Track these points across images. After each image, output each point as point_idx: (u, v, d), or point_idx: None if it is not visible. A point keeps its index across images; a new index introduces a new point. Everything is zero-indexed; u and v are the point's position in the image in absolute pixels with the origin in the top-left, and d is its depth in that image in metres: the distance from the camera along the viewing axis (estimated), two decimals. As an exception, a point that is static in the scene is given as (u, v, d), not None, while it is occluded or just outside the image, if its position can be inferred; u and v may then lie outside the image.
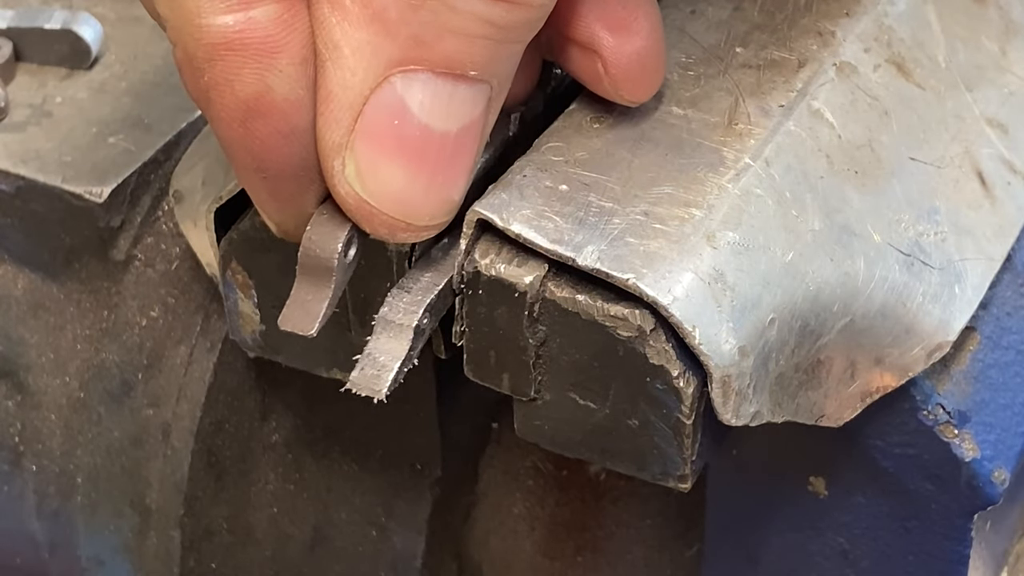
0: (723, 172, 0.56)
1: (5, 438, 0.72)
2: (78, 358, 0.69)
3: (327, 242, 0.51)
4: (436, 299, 0.54)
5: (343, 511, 0.74)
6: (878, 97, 0.61)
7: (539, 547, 0.76)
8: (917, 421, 0.60)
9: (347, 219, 0.51)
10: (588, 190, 0.55)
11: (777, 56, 0.60)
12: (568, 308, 0.53)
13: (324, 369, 0.61)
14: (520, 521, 0.76)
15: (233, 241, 0.60)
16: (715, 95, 0.59)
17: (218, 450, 0.69)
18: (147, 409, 0.68)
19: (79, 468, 0.70)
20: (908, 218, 0.59)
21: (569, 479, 0.74)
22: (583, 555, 0.75)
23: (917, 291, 0.58)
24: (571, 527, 0.75)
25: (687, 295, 0.52)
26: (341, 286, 0.52)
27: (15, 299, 0.70)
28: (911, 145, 0.61)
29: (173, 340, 0.68)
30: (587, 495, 0.74)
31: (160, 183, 0.67)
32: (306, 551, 0.75)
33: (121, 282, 0.68)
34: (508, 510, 0.76)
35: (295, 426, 0.71)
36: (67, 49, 0.70)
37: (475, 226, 0.54)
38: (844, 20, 0.62)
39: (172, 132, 0.68)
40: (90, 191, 0.65)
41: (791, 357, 0.55)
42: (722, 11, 0.63)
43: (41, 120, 0.69)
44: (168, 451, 0.68)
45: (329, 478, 0.73)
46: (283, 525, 0.73)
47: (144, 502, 0.69)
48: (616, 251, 0.53)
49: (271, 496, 0.72)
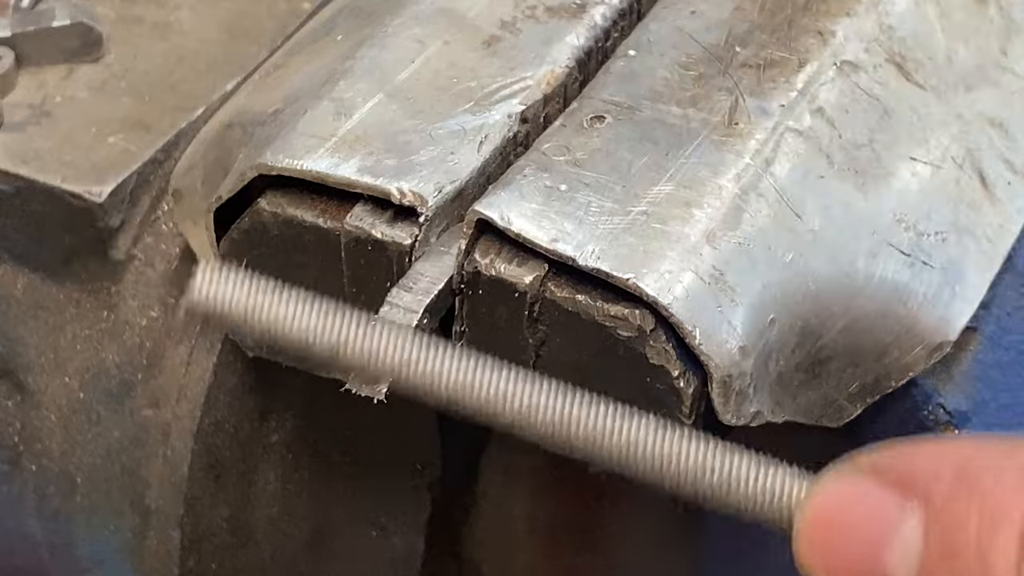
0: (723, 172, 0.56)
1: (5, 438, 0.72)
2: (78, 358, 0.69)
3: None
4: (436, 299, 0.54)
5: (343, 511, 0.74)
6: (878, 97, 0.61)
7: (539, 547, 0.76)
8: (917, 421, 0.60)
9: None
10: (588, 190, 0.55)
11: (777, 56, 0.60)
12: (568, 308, 0.53)
13: (324, 369, 0.61)
14: (520, 521, 0.76)
15: (233, 241, 0.60)
16: (715, 95, 0.59)
17: (218, 450, 0.69)
18: (147, 409, 0.68)
19: (79, 468, 0.70)
20: (908, 218, 0.59)
21: (569, 479, 0.74)
22: (583, 555, 0.75)
23: (917, 291, 0.58)
24: (571, 527, 0.75)
25: (687, 295, 0.52)
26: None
27: (15, 299, 0.70)
28: (911, 145, 0.61)
29: (173, 340, 0.68)
30: (587, 495, 0.74)
31: (160, 183, 0.67)
32: (306, 551, 0.75)
33: (121, 282, 0.68)
34: (508, 510, 0.76)
35: (295, 426, 0.71)
36: (77, 43, 0.70)
37: (475, 226, 0.54)
38: (844, 20, 0.62)
39: (172, 132, 0.68)
40: (90, 191, 0.65)
41: (791, 357, 0.55)
42: (722, 11, 0.63)
43: (41, 120, 0.69)
44: (168, 451, 0.68)
45: (329, 478, 0.73)
46: (283, 525, 0.73)
47: (144, 502, 0.69)
48: (616, 251, 0.53)
49: (271, 496, 0.72)
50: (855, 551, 0.42)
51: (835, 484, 0.43)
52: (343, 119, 0.59)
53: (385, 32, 0.63)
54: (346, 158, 0.57)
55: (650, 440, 0.44)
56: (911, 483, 0.42)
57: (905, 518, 0.41)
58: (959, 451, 0.42)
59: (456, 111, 0.59)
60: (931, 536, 0.41)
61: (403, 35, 0.63)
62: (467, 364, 0.44)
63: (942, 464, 0.42)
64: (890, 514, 0.42)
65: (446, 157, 0.57)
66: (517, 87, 0.60)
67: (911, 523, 0.41)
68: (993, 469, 0.41)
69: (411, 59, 0.62)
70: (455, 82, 0.61)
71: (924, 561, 0.41)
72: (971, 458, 0.42)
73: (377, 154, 0.57)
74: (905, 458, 0.43)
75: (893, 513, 0.42)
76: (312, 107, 0.60)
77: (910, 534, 0.41)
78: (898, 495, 0.42)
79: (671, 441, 0.44)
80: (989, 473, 0.41)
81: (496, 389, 0.44)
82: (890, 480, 0.42)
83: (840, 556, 0.42)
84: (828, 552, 0.42)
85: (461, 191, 0.57)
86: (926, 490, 0.41)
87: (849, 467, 0.43)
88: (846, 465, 0.43)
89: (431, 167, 0.57)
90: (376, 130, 0.58)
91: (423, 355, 0.44)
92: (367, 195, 0.56)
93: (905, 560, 0.41)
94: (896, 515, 0.41)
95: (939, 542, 0.41)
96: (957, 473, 0.41)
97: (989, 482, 0.41)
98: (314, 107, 0.60)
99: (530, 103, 0.60)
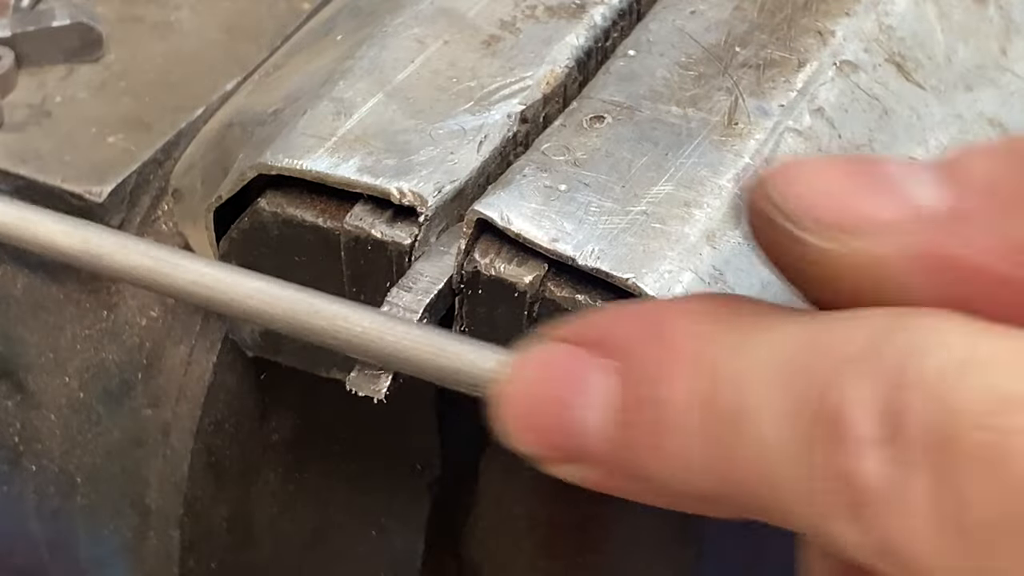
0: (723, 172, 0.56)
1: (5, 438, 0.72)
2: (78, 358, 0.69)
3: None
4: (436, 299, 0.54)
5: (343, 511, 0.74)
6: (878, 97, 0.61)
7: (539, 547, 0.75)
8: (917, 421, 0.60)
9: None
10: (588, 190, 0.55)
11: (777, 56, 0.60)
12: (568, 308, 0.53)
13: (324, 369, 0.61)
14: (520, 521, 0.76)
15: (233, 241, 0.60)
16: (715, 95, 0.59)
17: (218, 450, 0.69)
18: (147, 409, 0.68)
19: (79, 468, 0.70)
20: (908, 218, 0.59)
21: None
22: (583, 555, 0.75)
23: (917, 291, 0.58)
24: (571, 527, 0.75)
25: (687, 295, 0.52)
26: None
27: (15, 299, 0.70)
28: (911, 145, 0.61)
29: (173, 340, 0.68)
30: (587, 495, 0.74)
31: (160, 183, 0.67)
32: (306, 551, 0.75)
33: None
34: (508, 510, 0.76)
35: (295, 426, 0.71)
36: (77, 43, 0.70)
37: (475, 225, 0.54)
38: (844, 20, 0.62)
39: (172, 132, 0.68)
40: (90, 191, 0.65)
41: (791, 357, 0.55)
42: (722, 11, 0.63)
43: (41, 120, 0.69)
44: (168, 451, 0.68)
45: (329, 478, 0.73)
46: (283, 525, 0.73)
47: (144, 502, 0.69)
48: (616, 251, 0.53)
49: (271, 496, 0.72)
50: (549, 412, 0.42)
51: (530, 353, 0.43)
52: (343, 119, 0.59)
53: (385, 32, 0.63)
54: (346, 158, 0.57)
55: (357, 315, 0.50)
56: (607, 341, 0.42)
57: (600, 373, 0.41)
58: (653, 308, 0.43)
59: (456, 111, 0.59)
60: (628, 386, 0.41)
61: (403, 35, 0.63)
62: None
63: (638, 320, 0.42)
64: (584, 371, 0.41)
65: (446, 157, 0.57)
66: (517, 87, 0.60)
67: (598, 376, 0.41)
68: (678, 313, 0.41)
69: (411, 59, 0.62)
70: (455, 82, 0.61)
71: (621, 411, 0.41)
72: (663, 310, 0.42)
73: (377, 154, 0.57)
74: (600, 321, 0.43)
75: (588, 371, 0.41)
76: (312, 107, 0.60)
77: (600, 387, 0.41)
78: (593, 353, 0.42)
79: (375, 317, 0.50)
80: (676, 318, 0.41)
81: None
82: (586, 342, 0.42)
83: (536, 420, 0.42)
84: (525, 417, 0.42)
85: (461, 191, 0.57)
86: (623, 344, 0.41)
87: (547, 337, 0.43)
88: (545, 335, 0.43)
89: (431, 167, 0.57)
90: (376, 130, 0.58)
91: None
92: (367, 195, 0.56)
93: (598, 415, 0.41)
94: (591, 372, 0.41)
95: (635, 391, 0.41)
96: (649, 326, 0.41)
97: (673, 327, 0.41)
98: (314, 107, 0.60)
99: (530, 103, 0.60)
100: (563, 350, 0.42)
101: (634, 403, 0.41)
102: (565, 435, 0.42)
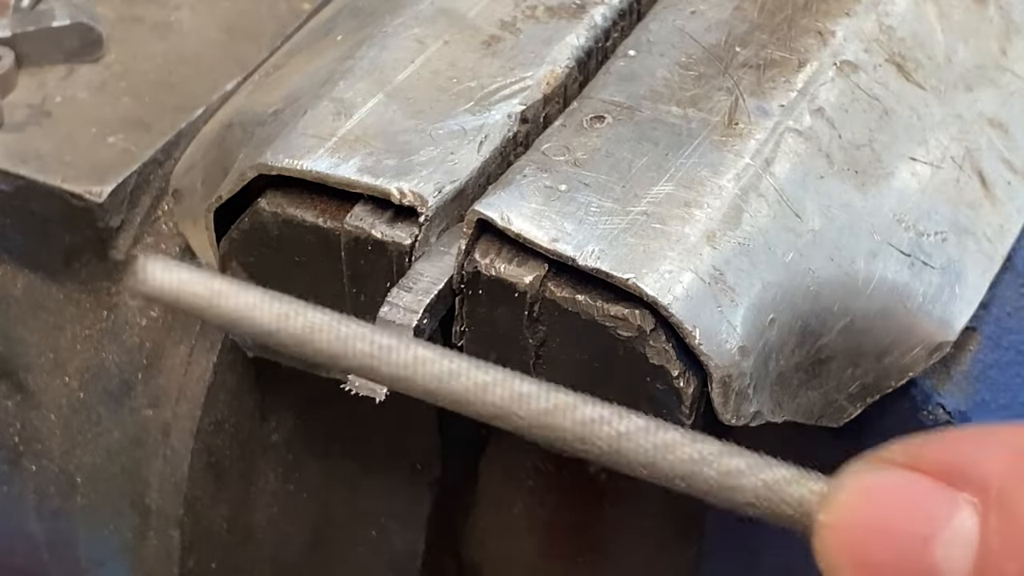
0: (723, 172, 0.56)
1: (5, 438, 0.72)
2: (78, 358, 0.69)
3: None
4: (436, 299, 0.54)
5: (343, 511, 0.74)
6: (878, 97, 0.61)
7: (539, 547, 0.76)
8: (917, 421, 0.60)
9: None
10: (588, 190, 0.55)
11: (777, 56, 0.60)
12: (568, 308, 0.53)
13: (324, 369, 0.61)
14: (520, 521, 0.76)
15: (233, 241, 0.60)
16: (715, 95, 0.59)
17: (218, 450, 0.69)
18: (147, 409, 0.68)
19: (79, 468, 0.70)
20: (908, 218, 0.59)
21: (569, 479, 0.74)
22: (583, 555, 0.75)
23: (917, 291, 0.58)
24: (571, 527, 0.75)
25: (687, 295, 0.52)
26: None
27: (15, 299, 0.70)
28: (911, 145, 0.61)
29: (173, 340, 0.68)
30: (587, 495, 0.74)
31: (160, 183, 0.67)
32: (306, 551, 0.75)
33: (121, 282, 0.68)
34: (508, 510, 0.76)
35: (295, 426, 0.71)
36: (77, 43, 0.70)
37: (475, 226, 0.54)
38: (844, 20, 0.62)
39: (172, 132, 0.68)
40: (90, 191, 0.65)
41: (791, 357, 0.55)
42: (722, 11, 0.63)
43: (41, 120, 0.69)
44: (168, 451, 0.68)
45: (329, 478, 0.73)
46: (283, 525, 0.73)
47: (144, 502, 0.69)
48: (616, 251, 0.53)
49: (271, 496, 0.72)
50: (899, 547, 0.39)
51: (867, 480, 0.41)
52: (343, 119, 0.59)
53: (385, 32, 0.63)
54: (346, 158, 0.57)
55: (644, 431, 0.43)
56: (959, 473, 0.39)
57: (956, 509, 0.39)
58: (1007, 437, 0.40)
59: (456, 111, 0.59)
60: (989, 526, 0.39)
61: (403, 35, 0.63)
62: (437, 354, 0.43)
63: (992, 451, 0.40)
64: (938, 506, 0.39)
65: (446, 157, 0.57)
66: (517, 87, 0.60)
67: (964, 514, 0.39)
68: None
69: (411, 59, 0.62)
70: (455, 82, 0.61)
71: (982, 553, 0.39)
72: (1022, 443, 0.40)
73: (377, 154, 0.57)
74: (947, 447, 0.40)
75: (942, 505, 0.39)
76: (312, 107, 0.60)
77: (963, 526, 0.39)
78: (946, 486, 0.39)
79: (664, 433, 0.43)
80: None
81: (476, 379, 0.43)
82: (934, 471, 0.40)
83: (881, 555, 0.39)
84: (865, 551, 0.40)
85: (461, 191, 0.57)
86: (980, 479, 0.39)
87: (878, 462, 0.41)
88: (872, 460, 0.41)
89: (431, 167, 0.57)
90: (376, 130, 0.58)
91: (395, 345, 0.43)
92: (367, 195, 0.56)
93: (959, 554, 0.39)
94: (946, 507, 0.39)
95: (999, 532, 0.39)
96: (1013, 459, 0.39)
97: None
98: (314, 107, 0.60)
99: (530, 103, 0.60)
100: (913, 477, 0.40)
101: (1000, 549, 0.39)
102: (915, 572, 0.40)
